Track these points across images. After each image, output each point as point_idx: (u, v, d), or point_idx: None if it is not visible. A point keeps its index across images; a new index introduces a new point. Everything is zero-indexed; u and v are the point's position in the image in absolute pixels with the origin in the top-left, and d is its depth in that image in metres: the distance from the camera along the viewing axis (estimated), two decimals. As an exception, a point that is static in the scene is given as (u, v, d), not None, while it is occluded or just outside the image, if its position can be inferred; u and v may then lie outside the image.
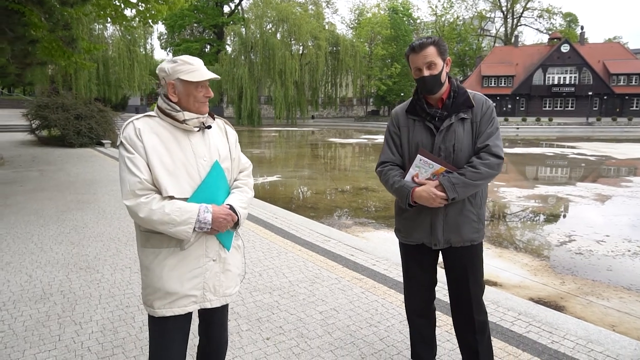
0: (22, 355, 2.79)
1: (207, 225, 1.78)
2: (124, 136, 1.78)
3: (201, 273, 1.85)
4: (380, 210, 9.01)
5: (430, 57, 2.11)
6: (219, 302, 1.93)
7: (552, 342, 2.92)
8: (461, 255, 2.29)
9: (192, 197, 1.80)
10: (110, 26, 35.05)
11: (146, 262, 1.84)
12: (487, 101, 2.20)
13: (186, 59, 1.83)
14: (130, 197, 1.72)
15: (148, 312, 1.88)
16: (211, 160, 1.88)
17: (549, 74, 49.91)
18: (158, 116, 1.86)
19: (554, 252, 6.39)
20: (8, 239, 5.23)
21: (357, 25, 55.31)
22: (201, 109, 1.87)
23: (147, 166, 1.74)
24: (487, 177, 2.13)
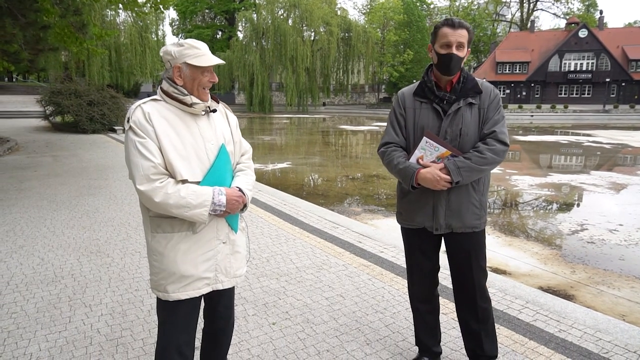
0: (33, 335, 2.85)
1: (221, 207, 1.81)
2: (134, 120, 1.77)
3: (213, 255, 1.89)
4: (390, 198, 8.97)
5: (463, 39, 2.13)
6: (230, 283, 1.98)
7: (560, 331, 2.90)
8: (463, 241, 2.28)
9: (203, 180, 1.82)
10: (122, 12, 35.07)
11: (159, 248, 1.84)
12: (494, 89, 2.22)
13: (193, 43, 1.82)
14: (144, 181, 1.72)
15: (160, 297, 1.89)
16: (218, 143, 1.89)
17: (565, 60, 48.88)
18: (164, 100, 1.85)
19: (565, 240, 6.31)
20: (22, 223, 5.33)
21: (370, 11, 54.60)
22: (203, 97, 1.87)
23: (159, 150, 1.74)
24: (492, 163, 2.12)
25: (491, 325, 2.36)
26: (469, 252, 2.28)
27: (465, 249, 2.29)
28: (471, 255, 2.28)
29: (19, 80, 51.49)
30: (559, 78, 49.08)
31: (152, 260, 1.89)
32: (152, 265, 1.89)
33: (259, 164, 13.45)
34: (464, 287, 2.35)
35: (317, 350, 2.69)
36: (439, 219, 2.23)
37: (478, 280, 2.30)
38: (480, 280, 2.30)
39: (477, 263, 2.29)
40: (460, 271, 2.34)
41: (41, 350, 2.69)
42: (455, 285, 2.40)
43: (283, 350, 2.70)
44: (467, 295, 2.33)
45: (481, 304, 2.31)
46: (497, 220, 7.39)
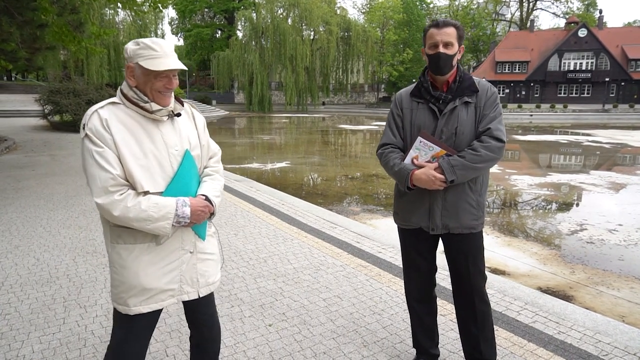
0: (27, 337, 2.82)
1: (185, 219, 1.71)
2: (90, 128, 1.62)
3: (178, 266, 1.79)
4: (389, 198, 8.94)
5: (450, 37, 2.11)
6: (198, 293, 1.87)
7: (559, 333, 2.87)
8: (461, 242, 2.25)
9: (166, 190, 1.71)
10: (121, 11, 35.01)
11: (119, 260, 1.73)
12: (491, 87, 2.19)
13: (150, 43, 1.65)
14: (102, 194, 1.61)
15: (120, 310, 1.79)
16: (182, 149, 1.77)
17: (565, 59, 48.85)
18: (123, 103, 1.71)
19: (564, 241, 6.28)
20: (18, 223, 5.29)
21: (369, 10, 54.56)
22: (160, 101, 1.71)
23: (118, 160, 1.62)
24: (488, 160, 2.08)
25: (490, 329, 2.33)
26: (466, 254, 2.25)
27: (462, 250, 2.25)
28: (469, 257, 2.25)
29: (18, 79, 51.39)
30: (558, 77, 49.07)
31: (112, 272, 1.78)
32: (112, 277, 1.79)
33: (258, 164, 13.42)
34: (462, 289, 2.32)
35: (313, 353, 2.66)
36: (435, 219, 2.21)
37: (476, 283, 2.26)
38: (478, 283, 2.27)
39: (476, 266, 2.26)
40: (458, 273, 2.31)
41: (34, 352, 2.66)
42: (454, 288, 2.37)
43: (279, 352, 2.66)
44: (466, 297, 2.30)
45: (480, 307, 2.28)
46: (497, 220, 7.36)
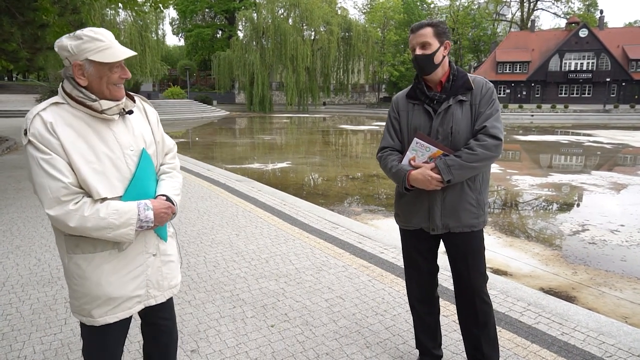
0: (28, 338, 2.81)
1: (149, 223, 1.62)
2: (32, 133, 1.48)
3: (143, 271, 1.72)
4: (390, 198, 8.93)
5: (425, 38, 2.11)
6: (164, 296, 1.81)
7: (562, 334, 2.86)
8: (461, 241, 2.23)
9: (125, 194, 1.61)
10: (122, 12, 35.01)
11: (79, 271, 1.62)
12: (487, 83, 2.16)
13: (94, 34, 1.54)
14: (54, 205, 1.48)
15: (84, 322, 1.69)
16: (138, 149, 1.67)
17: (565, 59, 48.79)
18: (67, 103, 1.58)
19: (566, 241, 6.27)
20: (19, 223, 5.29)
21: (370, 10, 54.56)
22: (116, 94, 1.61)
23: (68, 167, 1.50)
24: (484, 158, 2.06)
25: (492, 329, 2.31)
26: (466, 253, 2.24)
27: (462, 250, 2.24)
28: (468, 257, 2.24)
29: (19, 79, 51.45)
30: (559, 78, 49.01)
31: (71, 284, 1.66)
32: (71, 289, 1.67)
33: (259, 164, 13.42)
34: (462, 289, 2.31)
35: (316, 354, 2.65)
36: (435, 219, 2.20)
37: (477, 283, 2.25)
38: (479, 283, 2.25)
39: (475, 266, 2.25)
40: (458, 273, 2.30)
41: (36, 352, 2.65)
42: (455, 288, 2.36)
43: (282, 354, 2.65)
44: (466, 298, 2.29)
45: (481, 307, 2.27)
46: (498, 220, 7.35)
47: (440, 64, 2.14)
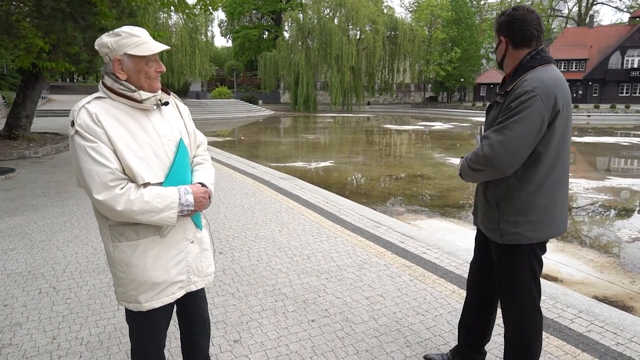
0: (85, 321, 2.99)
1: (189, 207, 1.70)
2: (79, 124, 1.58)
3: (184, 257, 1.80)
4: (434, 199, 8.77)
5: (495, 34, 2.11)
6: (203, 282, 1.90)
7: (617, 344, 2.71)
8: (493, 248, 2.16)
9: (166, 180, 1.70)
10: (173, 15, 36.40)
11: (124, 258, 1.70)
12: (524, 92, 1.86)
13: (130, 31, 1.66)
14: (102, 190, 1.56)
15: (131, 309, 1.77)
16: (174, 138, 1.77)
17: (628, 56, 45.88)
18: (109, 97, 1.68)
19: (624, 248, 5.91)
20: (78, 214, 5.63)
21: (417, 9, 53.57)
22: (153, 86, 1.72)
23: (114, 154, 1.59)
24: (474, 167, 2.01)
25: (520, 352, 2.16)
26: (495, 261, 2.17)
27: (493, 256, 2.18)
28: (496, 267, 2.16)
29: (79, 80, 54.65)
30: (620, 76, 46.16)
31: (116, 272, 1.74)
32: (117, 277, 1.75)
33: (302, 162, 13.54)
34: (500, 299, 2.22)
35: (355, 350, 2.66)
36: (477, 213, 2.25)
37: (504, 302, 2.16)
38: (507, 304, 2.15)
39: (501, 282, 2.15)
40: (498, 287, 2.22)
41: (91, 335, 2.82)
42: None
43: (321, 348, 2.68)
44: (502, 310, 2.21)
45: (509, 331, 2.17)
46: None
47: (504, 59, 2.06)
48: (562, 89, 1.90)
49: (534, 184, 1.94)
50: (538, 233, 1.99)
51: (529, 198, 1.96)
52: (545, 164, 1.92)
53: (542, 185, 1.95)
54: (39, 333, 2.84)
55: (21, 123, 12.33)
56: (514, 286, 2.09)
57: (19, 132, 12.13)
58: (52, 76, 18.45)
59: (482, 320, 2.40)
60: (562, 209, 2.04)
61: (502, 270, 2.13)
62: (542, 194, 1.95)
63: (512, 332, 2.15)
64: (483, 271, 2.33)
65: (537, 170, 1.93)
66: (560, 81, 1.92)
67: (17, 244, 4.53)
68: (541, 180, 1.94)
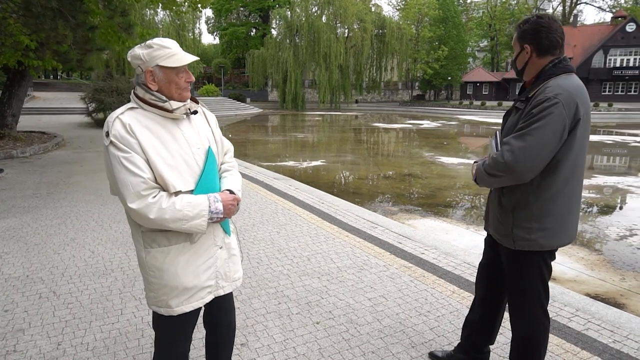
0: (89, 325, 2.98)
1: (219, 215, 1.74)
2: (114, 134, 1.63)
3: (213, 262, 1.85)
4: (425, 198, 8.86)
5: (513, 41, 2.10)
6: (230, 287, 1.94)
7: (614, 342, 2.79)
8: (504, 254, 2.18)
9: (196, 188, 1.74)
10: (160, 11, 36.00)
11: (156, 263, 1.75)
12: (544, 97, 1.87)
13: (162, 43, 1.71)
14: (135, 199, 1.61)
15: (162, 313, 1.81)
16: (203, 147, 1.82)
17: (610, 55, 46.72)
18: (140, 107, 1.73)
19: (613, 246, 6.06)
20: (72, 216, 5.57)
21: (404, 7, 53.82)
22: (183, 95, 1.77)
23: (146, 164, 1.64)
24: (491, 173, 2.01)
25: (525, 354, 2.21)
26: (505, 266, 2.20)
27: (503, 261, 2.21)
28: (507, 272, 2.19)
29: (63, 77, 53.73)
30: (603, 75, 47.01)
31: (148, 277, 1.79)
32: (149, 282, 1.80)
33: (293, 162, 13.55)
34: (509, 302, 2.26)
35: (362, 352, 2.70)
36: (489, 218, 2.28)
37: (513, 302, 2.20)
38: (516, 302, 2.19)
39: (511, 283, 2.18)
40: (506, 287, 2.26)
41: (97, 340, 2.81)
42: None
43: (328, 350, 2.71)
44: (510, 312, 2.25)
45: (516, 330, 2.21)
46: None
47: (525, 68, 2.05)
48: (583, 98, 1.91)
49: (551, 191, 1.96)
50: (551, 240, 2.02)
51: (545, 205, 1.98)
52: (564, 171, 1.94)
53: (559, 193, 1.97)
54: (43, 339, 2.82)
55: (7, 122, 12.09)
56: (524, 292, 2.13)
57: (5, 131, 11.90)
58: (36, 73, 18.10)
59: (488, 321, 2.45)
60: (576, 218, 2.08)
61: (512, 276, 2.16)
62: (558, 201, 1.98)
63: (520, 334, 2.20)
64: (491, 274, 2.38)
65: (555, 178, 1.95)
66: (582, 90, 1.93)
67: (12, 247, 4.47)
68: (559, 187, 1.96)
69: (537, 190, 1.98)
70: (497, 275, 2.33)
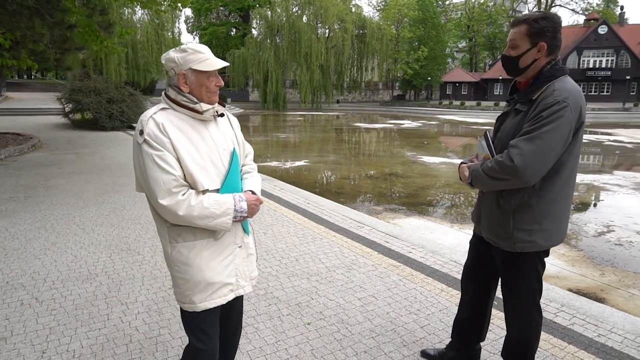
0: (74, 332, 2.90)
1: (243, 214, 1.80)
2: (148, 133, 1.69)
3: (232, 260, 1.88)
4: (409, 197, 8.94)
5: (515, 36, 1.99)
6: (250, 287, 1.97)
7: (599, 336, 2.86)
8: (500, 256, 2.18)
9: (222, 187, 1.80)
10: (139, 10, 35.42)
11: (182, 258, 1.80)
12: (552, 100, 1.86)
13: (196, 48, 1.78)
14: (166, 196, 1.67)
15: (187, 309, 1.85)
16: (229, 149, 1.88)
17: (584, 57, 48.00)
18: (172, 108, 1.79)
19: (592, 242, 6.22)
20: (52, 220, 5.43)
21: (384, 7, 54.23)
22: (212, 99, 1.83)
23: (177, 162, 1.70)
24: (494, 176, 1.96)
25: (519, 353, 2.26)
26: (501, 268, 2.21)
27: (498, 262, 2.22)
28: (503, 273, 2.21)
29: (38, 77, 52.37)
30: (576, 75, 48.13)
31: (174, 272, 1.83)
32: (175, 277, 1.84)
33: (276, 162, 13.50)
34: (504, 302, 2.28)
35: (354, 351, 2.70)
36: (481, 221, 2.26)
37: (510, 304, 2.21)
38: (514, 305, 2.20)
39: (508, 285, 2.18)
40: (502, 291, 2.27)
41: (83, 347, 2.74)
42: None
43: (321, 351, 2.71)
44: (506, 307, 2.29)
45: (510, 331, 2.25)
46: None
47: (529, 67, 1.99)
48: (584, 101, 1.92)
49: (553, 194, 1.97)
50: (549, 241, 2.04)
51: (546, 207, 1.99)
52: (565, 173, 1.96)
53: (559, 195, 1.98)
54: (27, 347, 2.73)
55: (-20, 123, 11.71)
56: (520, 291, 2.16)
57: (-22, 133, 11.53)
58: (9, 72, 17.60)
59: (477, 320, 2.48)
60: (568, 217, 2.13)
61: (510, 277, 2.18)
62: (558, 202, 2.00)
63: (515, 332, 2.24)
64: (478, 275, 2.41)
65: (556, 180, 1.96)
66: (582, 93, 1.95)
67: (-11, 253, 4.33)
68: (559, 189, 1.98)
69: (539, 192, 1.98)
70: (485, 277, 2.38)
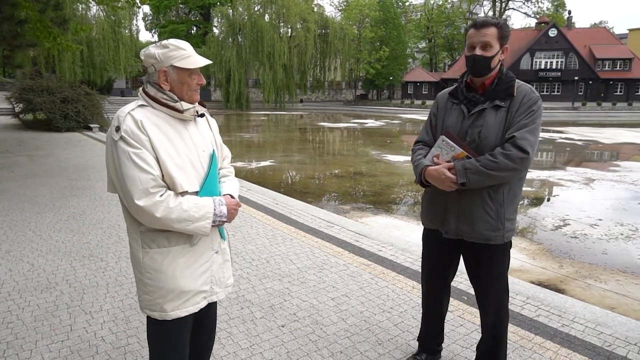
0: (34, 346, 2.74)
1: (223, 218, 1.74)
2: (125, 130, 1.60)
3: (209, 267, 1.81)
4: (375, 195, 9.04)
5: (488, 38, 2.04)
6: (223, 293, 1.91)
7: (563, 326, 2.98)
8: (476, 252, 2.20)
9: (202, 190, 1.73)
10: (93, 6, 34.04)
11: (155, 265, 1.70)
12: (531, 92, 2.06)
13: (178, 44, 1.72)
14: (143, 196, 1.58)
15: (156, 317, 1.76)
16: (208, 150, 1.81)
17: (536, 58, 50.11)
18: (150, 105, 1.71)
19: (550, 236, 6.50)
20: (5, 227, 5.12)
21: (346, 8, 54.66)
22: (193, 98, 1.77)
23: (156, 161, 1.62)
24: (505, 169, 1.97)
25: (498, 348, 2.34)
26: (479, 267, 2.23)
27: (478, 259, 2.22)
28: (481, 271, 2.23)
29: (-17, 75, 49.35)
30: (530, 76, 50.22)
31: (144, 279, 1.73)
32: (144, 284, 1.73)
33: (241, 162, 13.33)
34: (481, 300, 2.31)
35: (330, 352, 2.69)
36: (450, 222, 2.19)
37: (496, 296, 2.25)
38: (494, 296, 2.25)
39: (493, 278, 2.22)
40: (477, 284, 2.30)
41: (45, 360, 2.60)
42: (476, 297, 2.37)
43: (296, 353, 2.68)
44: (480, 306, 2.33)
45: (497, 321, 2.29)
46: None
47: (494, 68, 2.10)
48: None
49: (523, 181, 2.15)
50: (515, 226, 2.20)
51: (519, 195, 2.15)
52: None
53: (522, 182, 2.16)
54: (-18, 363, 2.56)
55: None
56: (498, 282, 2.22)
57: None
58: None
59: (441, 315, 2.56)
60: None
61: (493, 272, 2.20)
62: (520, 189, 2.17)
63: (491, 329, 2.29)
64: (444, 277, 2.44)
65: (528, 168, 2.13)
66: None
67: None
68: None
69: (520, 182, 2.13)
70: (450, 277, 2.45)
